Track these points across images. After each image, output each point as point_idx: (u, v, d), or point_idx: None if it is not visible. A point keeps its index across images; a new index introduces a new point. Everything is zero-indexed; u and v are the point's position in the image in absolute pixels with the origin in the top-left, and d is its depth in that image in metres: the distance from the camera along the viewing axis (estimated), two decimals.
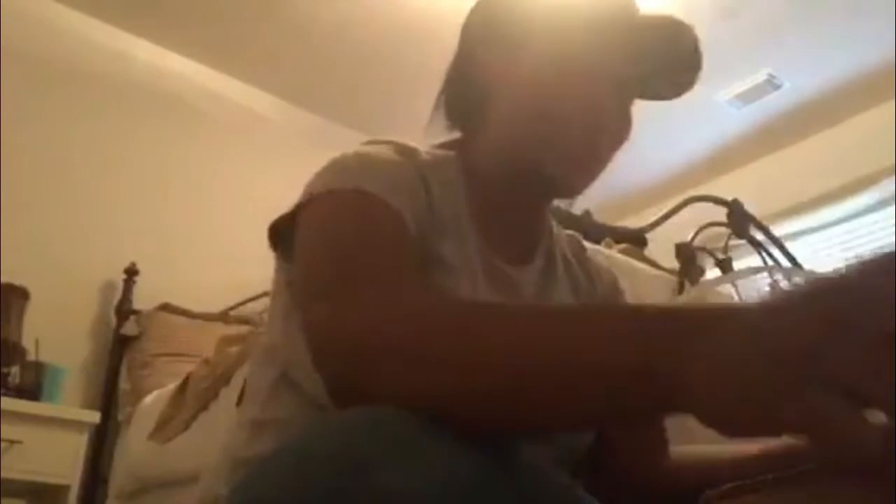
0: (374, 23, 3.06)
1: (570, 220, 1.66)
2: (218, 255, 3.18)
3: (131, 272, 2.93)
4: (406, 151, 0.72)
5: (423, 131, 0.81)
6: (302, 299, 0.62)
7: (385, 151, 0.70)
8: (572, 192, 0.76)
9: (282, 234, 0.68)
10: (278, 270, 0.72)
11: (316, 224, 0.63)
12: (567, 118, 0.70)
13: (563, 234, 0.88)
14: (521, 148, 0.73)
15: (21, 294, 2.50)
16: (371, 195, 0.63)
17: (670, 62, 0.75)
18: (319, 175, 0.67)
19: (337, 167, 0.67)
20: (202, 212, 3.26)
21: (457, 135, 0.81)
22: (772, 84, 3.50)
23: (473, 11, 0.81)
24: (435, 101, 0.81)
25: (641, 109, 0.80)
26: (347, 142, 0.92)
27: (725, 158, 3.98)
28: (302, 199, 0.65)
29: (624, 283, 1.67)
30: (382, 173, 0.66)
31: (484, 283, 0.71)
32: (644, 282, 1.78)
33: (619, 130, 0.74)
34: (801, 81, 3.49)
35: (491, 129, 0.76)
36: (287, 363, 0.68)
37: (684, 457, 0.77)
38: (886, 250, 0.36)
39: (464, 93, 0.79)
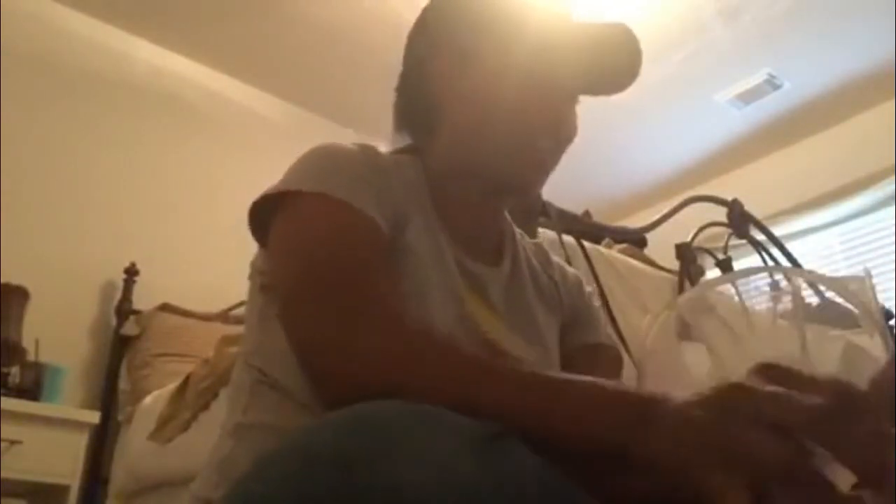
0: (375, 23, 3.06)
1: (570, 221, 1.66)
2: (218, 255, 3.17)
3: (131, 272, 2.93)
4: (368, 149, 0.75)
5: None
6: (285, 311, 0.65)
7: (350, 147, 0.74)
8: (530, 193, 0.80)
9: (260, 216, 0.71)
10: (253, 275, 0.76)
11: (291, 231, 0.67)
12: (531, 129, 0.73)
13: (528, 241, 0.90)
14: (481, 155, 0.76)
15: (21, 294, 2.50)
16: (344, 203, 0.66)
17: (614, 66, 0.78)
18: (294, 170, 0.71)
19: (308, 165, 0.70)
20: (202, 212, 3.26)
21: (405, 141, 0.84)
22: (772, 84, 3.50)
23: (419, 23, 0.82)
24: (394, 110, 0.85)
25: (641, 110, 0.81)
26: (347, 142, 0.93)
27: (725, 158, 3.98)
28: (280, 189, 0.68)
29: (618, 279, 1.67)
30: (349, 172, 0.69)
31: (459, 278, 0.73)
32: (644, 282, 1.78)
33: (571, 131, 0.77)
34: (801, 81, 3.49)
35: (445, 136, 0.79)
36: (264, 364, 0.70)
37: None
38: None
39: (414, 103, 0.81)
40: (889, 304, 2.10)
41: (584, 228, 1.74)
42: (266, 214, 0.70)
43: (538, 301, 0.83)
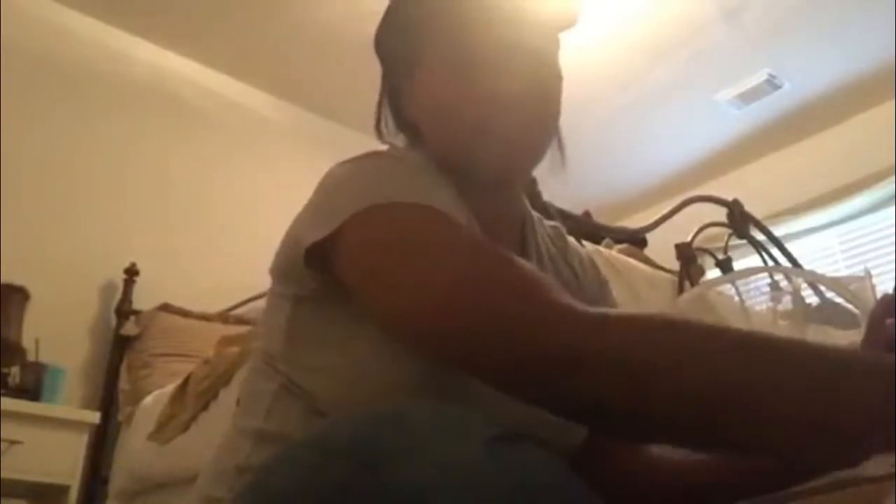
0: (374, 23, 3.06)
1: (570, 221, 1.66)
2: (218, 255, 3.18)
3: (131, 272, 2.93)
4: (395, 153, 0.73)
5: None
6: (443, 332, 0.56)
7: (384, 156, 0.70)
8: (522, 170, 0.76)
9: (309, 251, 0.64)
10: (282, 284, 0.70)
11: (385, 251, 0.60)
12: (493, 114, 0.69)
13: (547, 226, 0.86)
14: (455, 154, 0.72)
15: (21, 294, 2.50)
16: (433, 209, 0.61)
17: (556, 11, 0.74)
18: (347, 190, 0.64)
19: (363, 179, 0.64)
20: (202, 212, 3.26)
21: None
22: (772, 84, 3.50)
23: (378, 33, 0.81)
24: (376, 113, 0.81)
25: (641, 110, 0.80)
26: (347, 142, 0.93)
27: (725, 158, 3.98)
28: (340, 221, 0.61)
29: (618, 279, 1.67)
30: (409, 179, 0.64)
31: None
32: (644, 282, 1.78)
33: (545, 91, 0.72)
34: (801, 81, 3.49)
35: (427, 140, 0.75)
36: (292, 372, 0.67)
37: (668, 454, 0.77)
38: None
39: (397, 108, 0.79)
40: None
41: (584, 228, 1.74)
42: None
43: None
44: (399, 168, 0.67)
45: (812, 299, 1.94)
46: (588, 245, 1.63)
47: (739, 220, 2.24)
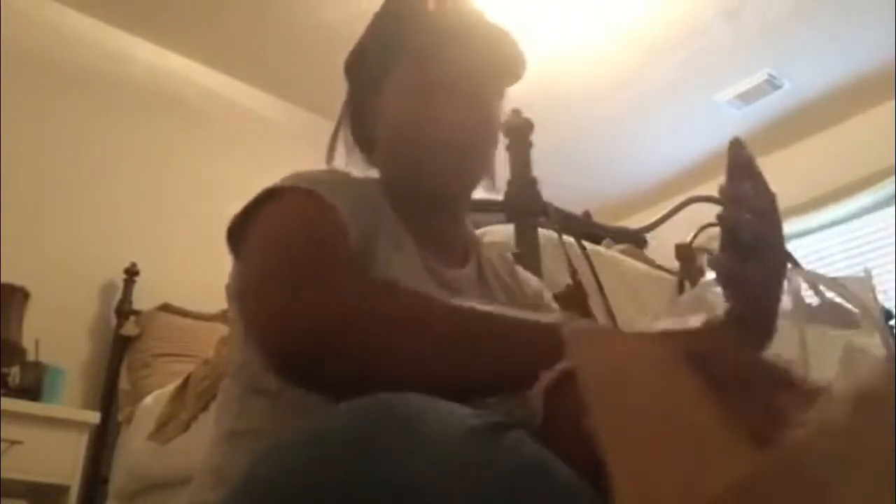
0: None
1: (570, 221, 1.66)
2: (218, 255, 3.15)
3: (131, 272, 2.93)
4: (335, 170, 0.84)
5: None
6: (251, 290, 0.66)
7: (326, 172, 0.80)
8: (454, 194, 0.86)
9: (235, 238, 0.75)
10: (232, 299, 0.78)
11: (263, 223, 0.70)
12: (430, 141, 0.80)
13: (492, 252, 0.95)
14: (403, 169, 0.84)
15: (21, 294, 2.50)
16: (313, 192, 0.70)
17: (501, 63, 0.86)
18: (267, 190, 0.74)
19: (284, 180, 0.74)
20: (202, 212, 3.25)
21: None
22: (772, 84, 3.50)
23: (349, 58, 0.92)
24: (334, 131, 0.94)
25: (641, 111, 0.81)
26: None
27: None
28: (248, 205, 0.73)
29: (618, 279, 1.67)
30: (325, 181, 0.74)
31: (433, 285, 0.78)
32: (644, 282, 1.78)
33: (475, 129, 0.83)
34: (801, 81, 3.49)
35: (380, 157, 0.88)
36: (251, 377, 0.72)
37: None
38: None
39: (360, 126, 0.90)
40: (889, 304, 2.10)
41: (584, 228, 1.74)
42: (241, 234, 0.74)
43: (507, 301, 0.86)
44: (321, 171, 0.79)
45: (812, 299, 1.94)
46: (588, 245, 1.63)
47: None
